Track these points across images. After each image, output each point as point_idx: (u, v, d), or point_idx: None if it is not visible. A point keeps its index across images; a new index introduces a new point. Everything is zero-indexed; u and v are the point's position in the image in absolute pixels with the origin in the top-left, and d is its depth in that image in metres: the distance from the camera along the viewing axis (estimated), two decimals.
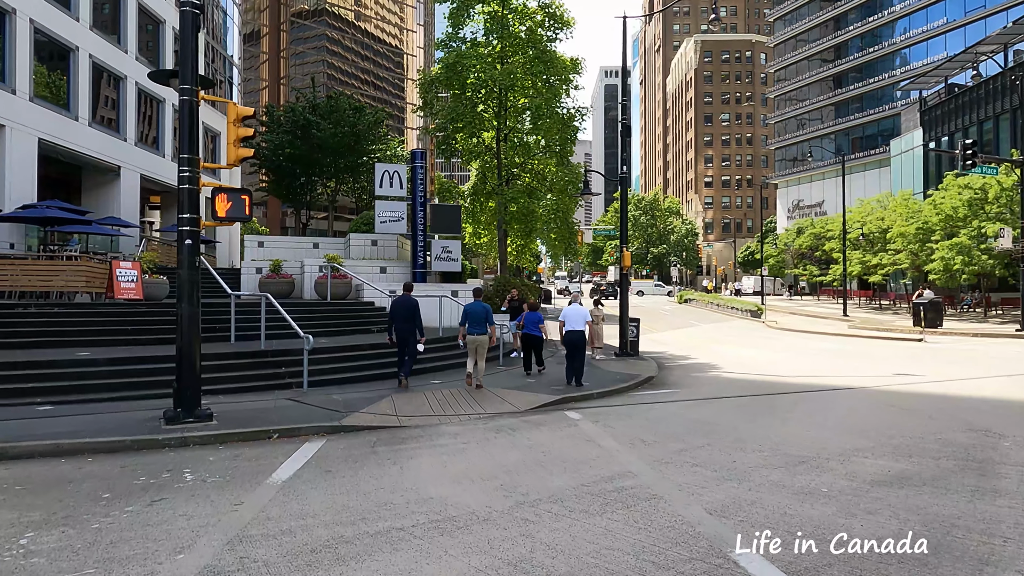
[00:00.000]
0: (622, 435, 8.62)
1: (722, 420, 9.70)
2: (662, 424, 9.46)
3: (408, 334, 12.06)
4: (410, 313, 12.03)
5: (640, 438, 8.42)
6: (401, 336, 12.07)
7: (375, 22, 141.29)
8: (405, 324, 12.01)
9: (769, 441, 8.16)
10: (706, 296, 53.95)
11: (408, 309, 12.05)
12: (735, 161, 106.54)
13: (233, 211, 8.79)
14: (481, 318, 12.27)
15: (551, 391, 12.27)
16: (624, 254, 18.99)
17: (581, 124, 22.88)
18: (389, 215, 21.35)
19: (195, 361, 8.67)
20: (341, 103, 28.15)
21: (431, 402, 10.91)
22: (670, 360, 19.59)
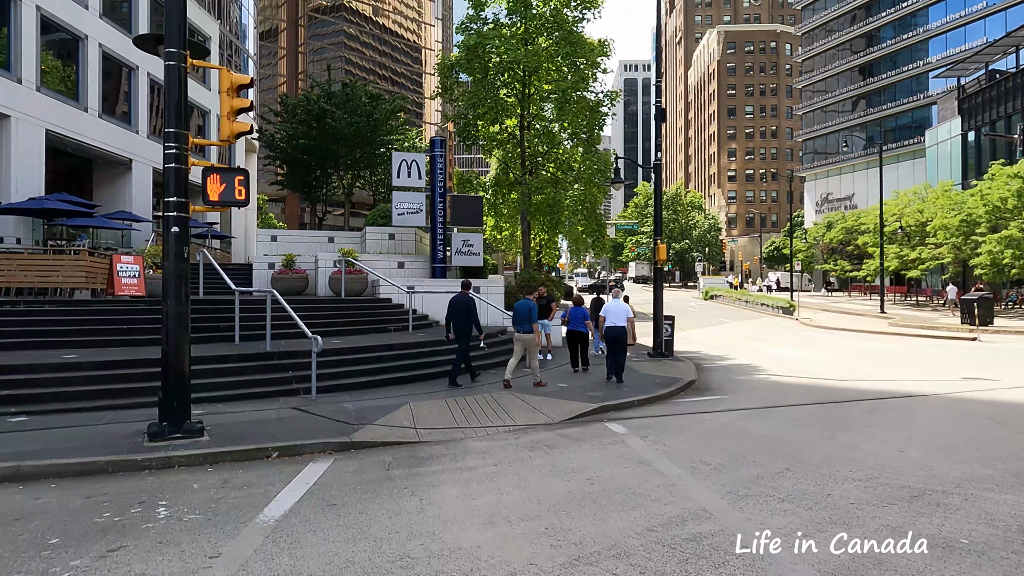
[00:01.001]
0: (680, 455, 7.32)
1: (793, 436, 8.35)
2: (722, 441, 8.14)
3: (466, 332, 11.95)
4: (467, 311, 11.93)
5: (702, 460, 7.11)
6: (458, 333, 12.00)
7: (393, 17, 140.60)
8: (462, 322, 11.93)
9: (862, 465, 6.81)
10: (733, 292, 52.22)
11: (465, 307, 11.97)
12: (759, 154, 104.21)
13: (226, 194, 7.62)
14: (525, 315, 11.98)
15: (587, 397, 10.99)
16: (659, 247, 17.63)
17: (610, 109, 21.52)
18: (407, 207, 20.15)
19: (183, 367, 7.52)
20: (357, 91, 26.95)
21: (453, 411, 9.69)
22: (707, 361, 18.22)
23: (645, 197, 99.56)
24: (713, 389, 12.94)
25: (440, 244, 20.05)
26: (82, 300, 13.88)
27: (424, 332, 15.69)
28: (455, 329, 12.00)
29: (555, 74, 21.71)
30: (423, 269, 20.52)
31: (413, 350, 13.21)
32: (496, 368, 14.04)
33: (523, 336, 12.04)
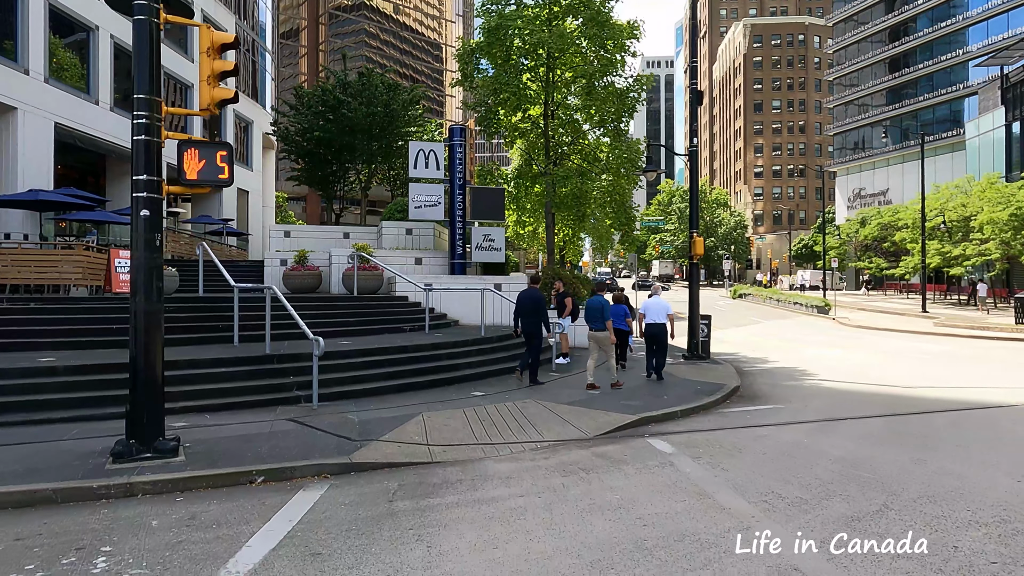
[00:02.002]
0: (746, 485, 6.03)
1: (874, 459, 7.01)
2: (792, 465, 6.83)
3: (535, 328, 11.54)
4: (536, 307, 11.54)
5: (775, 491, 5.83)
6: (528, 330, 11.60)
7: (413, 15, 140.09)
8: (531, 318, 11.53)
9: (978, 502, 5.48)
10: (763, 291, 50.41)
11: (534, 303, 11.58)
12: (787, 149, 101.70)
13: (207, 172, 6.49)
14: (598, 313, 11.42)
15: (623, 407, 9.72)
16: (695, 240, 16.27)
17: (640, 95, 20.15)
18: (424, 199, 18.99)
19: (156, 375, 6.41)
20: (374, 79, 25.85)
21: (472, 423, 8.49)
22: (747, 364, 16.84)
23: (668, 194, 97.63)
24: (761, 397, 11.59)
25: (459, 239, 18.88)
26: (74, 298, 12.93)
27: (442, 332, 14.53)
28: (524, 328, 11.60)
29: (579, 59, 20.41)
30: (442, 265, 19.38)
31: (429, 352, 12.05)
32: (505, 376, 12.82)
33: (597, 335, 11.49)
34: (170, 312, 11.88)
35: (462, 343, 13.07)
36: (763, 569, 4.13)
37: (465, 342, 13.20)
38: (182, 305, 12.36)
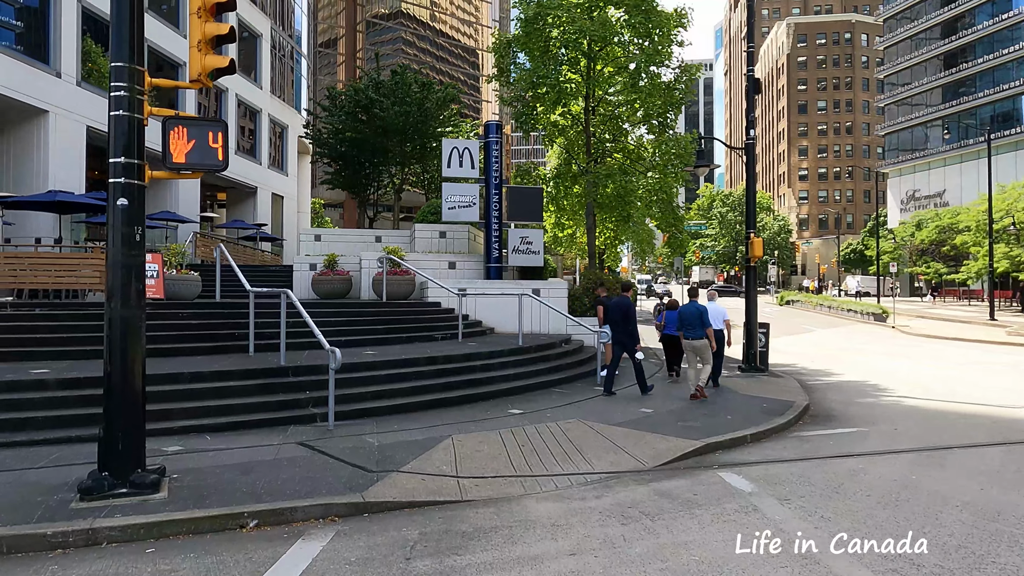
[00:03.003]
0: (861, 544, 4.70)
1: (1019, 506, 5.60)
2: (910, 513, 5.46)
3: (626, 337, 11.04)
4: (625, 315, 11.06)
5: (902, 554, 4.48)
6: (617, 340, 11.10)
7: (450, 23, 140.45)
8: (622, 327, 11.04)
9: None
10: (812, 297, 48.11)
11: (623, 311, 11.10)
12: (833, 151, 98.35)
13: (197, 155, 5.48)
14: (696, 320, 10.97)
15: (682, 429, 8.42)
16: (753, 242, 14.85)
17: (688, 87, 18.77)
18: (459, 200, 17.93)
19: (134, 395, 5.40)
20: (407, 78, 24.98)
21: (510, 449, 7.30)
22: (809, 376, 15.30)
23: (708, 199, 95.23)
24: (838, 418, 10.14)
25: (495, 241, 17.75)
26: (84, 303, 12.17)
27: (476, 341, 13.41)
28: (613, 337, 11.14)
29: (622, 50, 19.15)
30: (476, 270, 18.29)
31: (461, 363, 10.92)
32: (567, 384, 11.61)
33: (695, 343, 11.00)
34: (183, 319, 11.03)
35: (497, 353, 11.92)
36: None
37: (501, 352, 12.05)
38: (196, 311, 11.49)
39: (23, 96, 19.45)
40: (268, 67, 36.07)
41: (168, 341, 10.10)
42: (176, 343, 10.09)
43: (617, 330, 11.12)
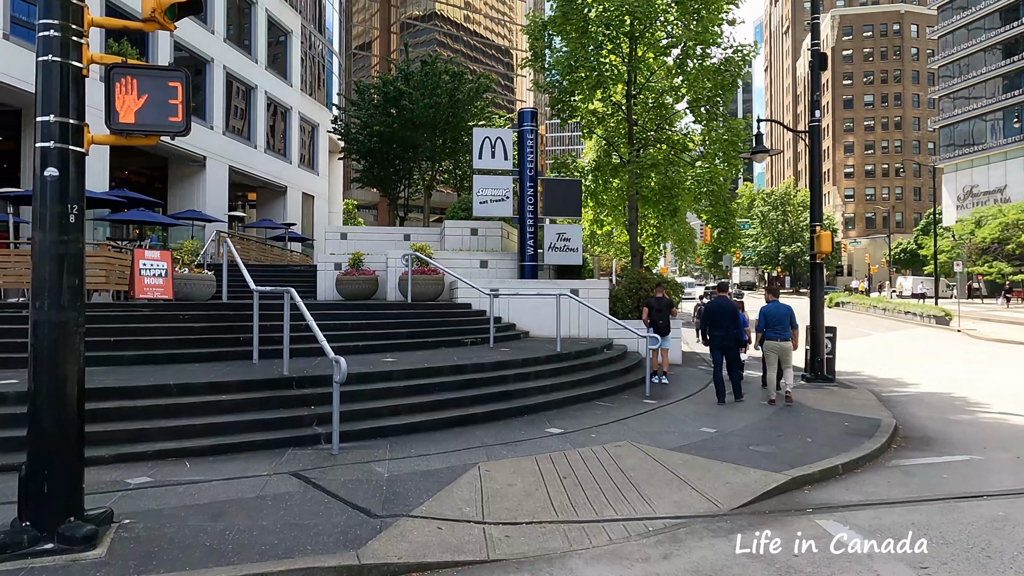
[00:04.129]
0: None
1: None
2: None
3: (729, 342, 10.58)
4: (729, 318, 10.59)
5: None
6: (723, 344, 10.59)
7: (484, 23, 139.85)
8: (723, 330, 10.60)
9: None
10: (863, 298, 45.61)
11: (727, 313, 10.63)
12: (880, 147, 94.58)
13: (149, 113, 4.28)
14: (783, 320, 10.52)
15: (756, 454, 6.96)
16: (819, 236, 13.24)
17: (741, 69, 17.15)
18: (490, 193, 16.65)
19: (67, 421, 4.21)
20: (437, 68, 23.77)
21: (549, 482, 5.96)
22: (882, 387, 13.61)
23: (748, 198, 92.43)
24: (938, 441, 8.52)
25: (530, 238, 16.42)
26: (94, 304, 11.19)
27: (509, 346, 12.09)
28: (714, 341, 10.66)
29: (661, 32, 17.64)
30: (510, 268, 16.98)
31: (492, 372, 9.62)
32: (612, 396, 10.21)
33: (780, 344, 10.51)
34: (184, 323, 9.95)
35: (533, 361, 10.58)
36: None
37: (537, 359, 10.70)
38: (199, 314, 10.41)
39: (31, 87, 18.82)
40: (298, 65, 35.41)
41: (164, 347, 9.03)
42: (173, 349, 9.00)
43: (720, 332, 10.60)
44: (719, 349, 10.65)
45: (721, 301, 10.89)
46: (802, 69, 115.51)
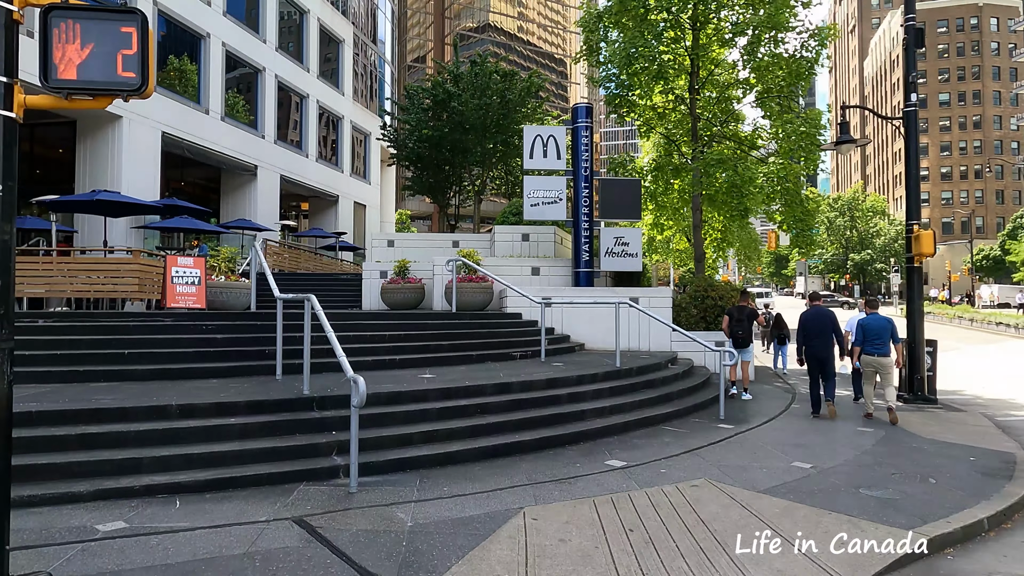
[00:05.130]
0: None
1: None
2: None
3: (826, 352, 10.13)
4: (826, 327, 10.13)
5: None
6: (818, 355, 10.12)
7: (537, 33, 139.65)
8: (820, 340, 10.12)
9: None
10: (946, 308, 42.35)
11: (823, 323, 10.16)
12: (958, 148, 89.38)
13: (93, 67, 3.32)
14: (883, 333, 9.96)
15: (872, 502, 5.56)
16: (918, 235, 11.60)
17: (819, 54, 15.51)
18: (542, 195, 15.51)
19: None
20: (487, 67, 22.81)
21: (611, 536, 4.73)
22: (995, 410, 11.82)
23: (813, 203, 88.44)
24: None
25: (585, 243, 15.18)
26: (113, 313, 10.59)
27: (562, 360, 10.89)
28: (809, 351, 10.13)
29: (726, 20, 16.20)
30: (563, 276, 15.79)
31: (542, 392, 8.43)
32: (680, 419, 8.88)
33: (880, 360, 9.95)
34: (206, 334, 9.14)
35: (589, 378, 9.35)
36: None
37: (593, 376, 9.46)
38: (223, 324, 9.59)
39: None
40: (350, 74, 35.24)
41: (181, 360, 8.20)
42: (190, 363, 8.17)
43: (816, 342, 10.12)
44: (816, 360, 10.09)
45: (818, 310, 10.26)
46: (870, 68, 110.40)
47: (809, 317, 10.28)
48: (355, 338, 10.00)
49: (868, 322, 10.20)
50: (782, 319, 17.63)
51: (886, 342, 10.05)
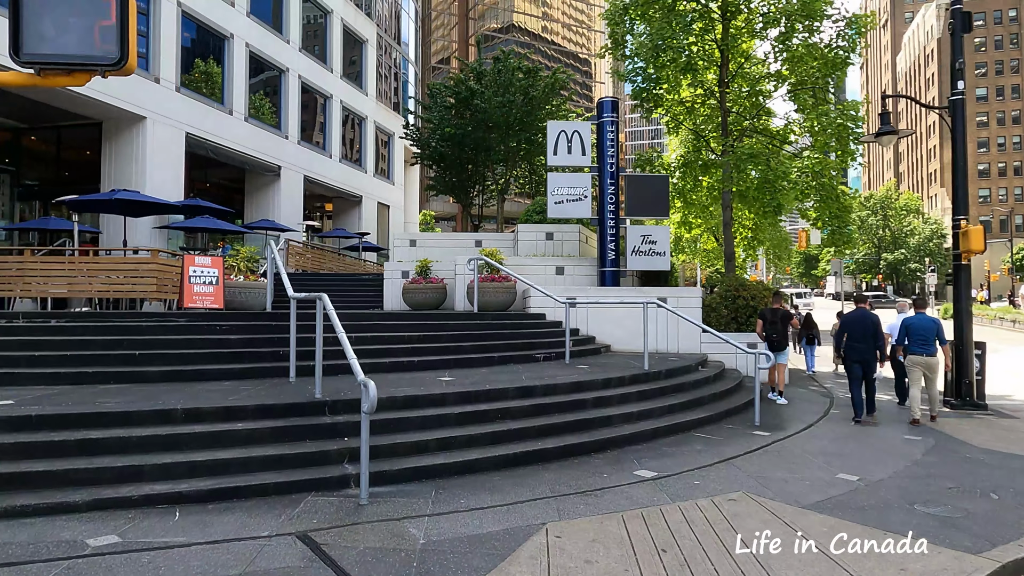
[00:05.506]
0: None
1: None
2: None
3: (869, 355, 9.68)
4: (868, 330, 9.69)
5: None
6: (861, 359, 9.67)
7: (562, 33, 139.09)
8: (863, 343, 9.68)
9: None
10: (987, 309, 40.91)
11: (865, 325, 9.73)
12: (996, 144, 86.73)
13: (69, 41, 2.99)
14: (929, 333, 9.69)
15: (932, 520, 5.04)
16: (966, 231, 10.92)
17: (855, 44, 14.82)
18: (567, 192, 15.07)
19: None
20: (510, 64, 22.42)
21: (645, 563, 4.29)
22: None
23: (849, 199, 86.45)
24: None
25: (611, 241, 14.71)
26: (126, 313, 10.42)
27: (587, 362, 10.45)
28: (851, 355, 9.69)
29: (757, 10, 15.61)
30: (588, 275, 15.34)
31: (566, 396, 8.01)
32: (712, 425, 8.38)
33: (927, 360, 9.67)
34: (220, 334, 8.89)
35: (616, 381, 8.90)
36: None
37: (620, 379, 9.01)
38: (238, 324, 9.34)
39: (121, 103, 18.87)
40: (373, 74, 35.16)
41: (194, 362, 7.95)
42: (203, 364, 7.91)
43: (859, 345, 9.70)
44: (858, 363, 9.64)
45: (862, 312, 9.90)
46: (903, 63, 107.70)
47: (852, 319, 9.90)
48: (373, 339, 9.69)
49: (913, 321, 9.91)
50: (811, 319, 16.98)
51: (932, 342, 9.75)
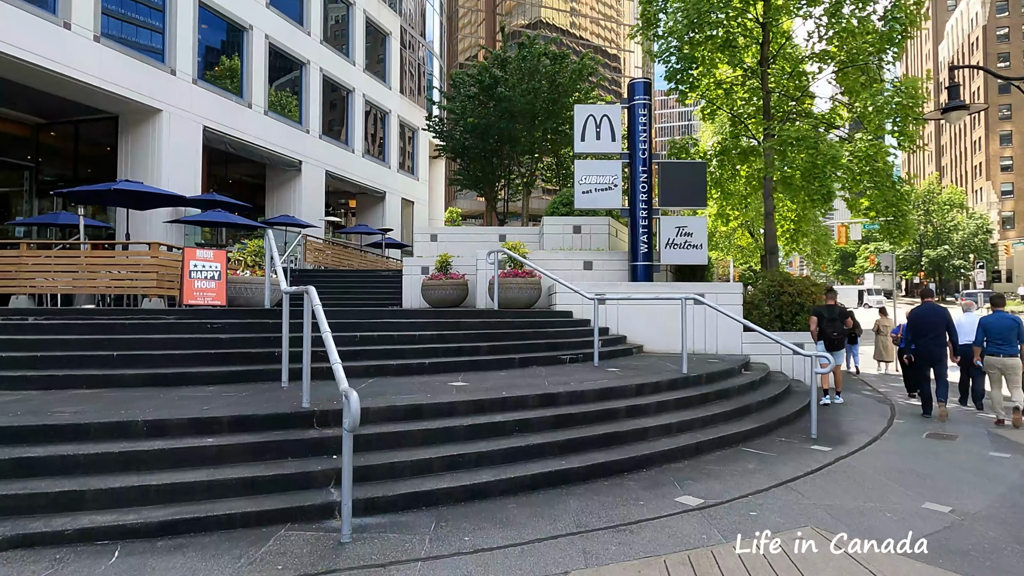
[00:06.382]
0: None
1: None
2: None
3: (938, 349, 9.42)
4: (938, 324, 9.45)
5: None
6: (930, 353, 9.46)
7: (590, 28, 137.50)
8: (933, 338, 9.45)
9: None
10: None
11: (935, 320, 9.49)
12: None
13: None
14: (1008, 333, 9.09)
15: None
16: None
17: (914, 17, 13.46)
18: (595, 181, 14.02)
19: None
20: (536, 50, 21.39)
21: None
22: None
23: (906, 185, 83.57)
24: None
25: (643, 233, 13.64)
26: (112, 311, 9.67)
27: (618, 365, 9.41)
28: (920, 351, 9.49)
29: None
30: (619, 270, 14.28)
31: (595, 404, 7.00)
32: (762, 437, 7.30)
33: (1006, 360, 9.07)
34: (210, 333, 8.06)
35: (651, 387, 7.86)
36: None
37: (656, 385, 7.97)
38: (231, 322, 8.48)
39: (138, 96, 18.39)
40: (397, 67, 34.42)
41: (178, 364, 7.13)
42: (188, 367, 7.08)
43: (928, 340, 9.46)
44: (927, 361, 9.47)
45: (932, 306, 9.57)
46: (945, 52, 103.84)
47: (921, 314, 9.51)
48: (381, 339, 8.80)
49: (991, 320, 9.35)
50: (853, 316, 15.81)
51: (1012, 342, 9.17)
